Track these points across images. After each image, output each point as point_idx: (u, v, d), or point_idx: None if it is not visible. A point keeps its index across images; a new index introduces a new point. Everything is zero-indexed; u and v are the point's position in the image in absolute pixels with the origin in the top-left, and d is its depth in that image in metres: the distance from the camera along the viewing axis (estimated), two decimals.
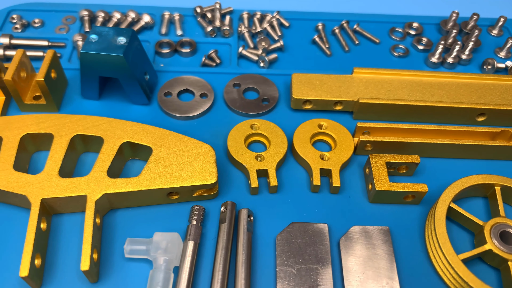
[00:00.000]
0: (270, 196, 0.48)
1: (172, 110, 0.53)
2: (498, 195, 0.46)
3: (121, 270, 0.42)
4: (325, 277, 0.41)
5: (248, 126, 0.51)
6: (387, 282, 0.41)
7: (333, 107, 0.54)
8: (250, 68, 0.59)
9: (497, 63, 0.60)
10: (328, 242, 0.44)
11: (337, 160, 0.49)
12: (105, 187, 0.43)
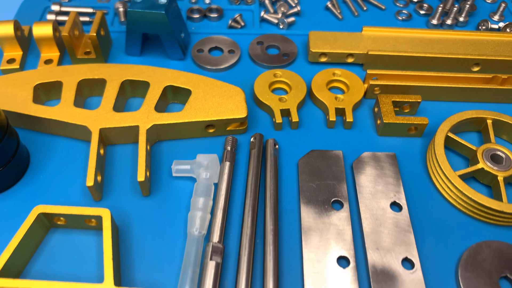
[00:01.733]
0: (292, 131, 0.55)
1: (204, 63, 0.61)
2: (489, 127, 0.53)
3: (169, 187, 0.49)
4: (341, 190, 0.49)
5: (271, 75, 0.59)
6: (394, 194, 0.49)
7: (345, 60, 0.62)
8: (271, 29, 0.67)
9: (491, 24, 0.68)
10: (343, 164, 0.51)
11: (349, 101, 0.56)
12: (154, 119, 0.51)
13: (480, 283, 0.43)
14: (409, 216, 0.47)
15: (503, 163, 0.50)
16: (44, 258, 0.44)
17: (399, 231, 0.46)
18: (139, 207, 0.48)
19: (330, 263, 0.44)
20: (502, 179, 0.49)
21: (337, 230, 0.46)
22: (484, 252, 0.45)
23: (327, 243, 0.45)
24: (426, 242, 0.46)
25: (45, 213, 0.44)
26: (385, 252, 0.44)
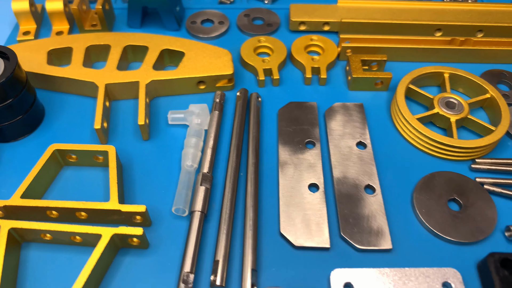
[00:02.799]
0: (274, 88, 0.63)
1: (196, 33, 0.69)
2: (446, 80, 0.61)
3: (166, 133, 0.57)
4: (314, 133, 0.56)
5: (256, 41, 0.66)
6: (360, 135, 0.56)
7: (322, 28, 0.69)
8: (257, 4, 0.75)
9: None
10: (317, 113, 0.59)
11: (324, 61, 0.64)
12: (152, 76, 0.59)
13: (431, 203, 0.50)
14: (372, 152, 0.55)
15: (455, 108, 0.57)
16: (58, 189, 0.52)
17: (363, 164, 0.53)
18: (140, 149, 0.56)
19: (302, 188, 0.51)
20: (454, 121, 0.56)
21: (309, 164, 0.53)
22: (436, 180, 0.52)
23: (300, 173, 0.52)
24: (387, 173, 0.54)
25: (59, 150, 0.52)
26: (350, 180, 0.52)
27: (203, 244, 0.47)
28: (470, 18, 0.68)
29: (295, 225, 0.48)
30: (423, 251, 0.47)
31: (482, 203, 0.50)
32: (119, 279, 0.45)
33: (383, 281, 0.44)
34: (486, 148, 0.54)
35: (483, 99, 0.59)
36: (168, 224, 0.49)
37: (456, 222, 0.49)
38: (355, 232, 0.48)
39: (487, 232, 0.48)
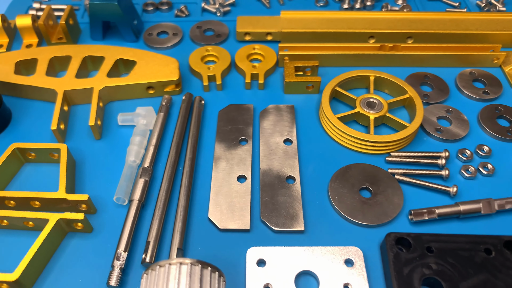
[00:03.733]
0: (217, 92, 0.70)
1: (152, 44, 0.76)
2: (371, 82, 0.67)
3: (116, 133, 0.64)
4: (248, 131, 0.63)
5: (204, 50, 0.74)
6: (288, 133, 0.63)
7: (265, 38, 0.76)
8: (210, 17, 0.82)
9: (391, 6, 0.82)
10: (252, 114, 0.65)
11: (263, 68, 0.71)
12: (105, 82, 0.66)
13: (344, 191, 0.56)
14: (297, 147, 0.61)
15: (375, 107, 0.64)
16: (18, 183, 0.59)
17: (287, 158, 0.60)
18: (92, 147, 0.63)
19: (231, 180, 0.58)
20: (373, 118, 0.62)
21: (240, 158, 0.60)
22: (351, 170, 0.59)
23: (231, 167, 0.59)
24: (309, 165, 0.60)
25: (19, 148, 0.59)
26: (274, 171, 0.58)
27: (139, 229, 0.54)
28: (401, 26, 0.75)
29: (221, 211, 0.55)
30: (333, 233, 0.54)
31: (391, 191, 0.57)
32: (65, 258, 0.52)
33: (292, 258, 0.50)
34: (401, 142, 0.61)
35: (403, 99, 0.66)
36: (110, 212, 0.56)
37: (365, 207, 0.55)
38: (273, 216, 0.54)
39: (391, 216, 0.54)
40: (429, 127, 0.64)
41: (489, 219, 0.55)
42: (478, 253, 0.49)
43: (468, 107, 0.67)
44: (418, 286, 0.47)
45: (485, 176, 0.59)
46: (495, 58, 0.72)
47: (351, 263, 0.50)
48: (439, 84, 0.70)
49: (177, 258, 0.42)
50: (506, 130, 0.63)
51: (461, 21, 0.76)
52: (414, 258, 0.49)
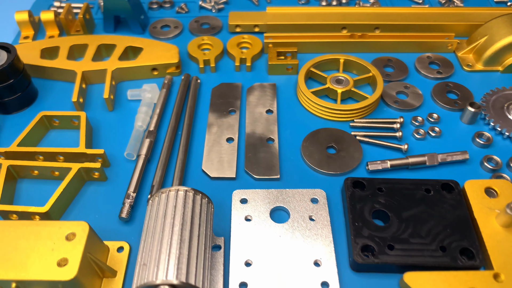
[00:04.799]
0: (212, 74, 0.82)
1: (157, 35, 0.89)
2: (341, 64, 0.80)
3: (126, 106, 0.77)
4: (236, 104, 0.75)
5: (200, 39, 0.86)
6: (269, 104, 0.75)
7: (253, 29, 0.89)
8: (206, 13, 0.95)
9: (362, 3, 0.94)
10: (240, 90, 0.78)
11: (250, 53, 0.83)
12: (117, 64, 0.79)
13: (314, 149, 0.68)
14: (277, 116, 0.73)
15: (342, 83, 0.76)
16: (45, 144, 0.71)
17: (268, 124, 0.72)
18: (106, 117, 0.75)
19: (221, 141, 0.70)
20: (340, 92, 0.74)
21: (229, 124, 0.72)
22: (320, 133, 0.71)
23: (222, 131, 0.71)
24: (286, 130, 0.72)
25: (46, 116, 0.71)
26: (257, 134, 0.70)
27: (145, 178, 0.66)
28: (370, 19, 0.88)
29: (212, 164, 0.67)
30: (304, 180, 0.66)
31: (352, 149, 0.68)
32: (85, 199, 0.64)
33: (269, 197, 0.62)
34: (363, 111, 0.73)
35: (368, 77, 0.78)
36: (122, 165, 0.68)
37: (330, 160, 0.67)
38: (254, 167, 0.66)
39: (352, 167, 0.66)
40: (388, 99, 0.76)
41: (433, 170, 0.67)
42: (420, 192, 0.61)
43: (424, 84, 0.79)
44: (368, 216, 0.58)
45: (433, 137, 0.71)
46: (449, 44, 0.84)
47: (316, 201, 0.62)
48: (400, 66, 0.82)
49: (175, 186, 0.54)
50: (454, 101, 0.75)
51: (422, 14, 0.89)
52: (367, 196, 0.61)
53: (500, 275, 0.53)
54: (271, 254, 0.56)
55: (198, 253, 0.49)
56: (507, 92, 0.75)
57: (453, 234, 0.57)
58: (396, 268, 0.55)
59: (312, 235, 0.58)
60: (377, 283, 0.55)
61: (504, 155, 0.68)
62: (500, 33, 0.79)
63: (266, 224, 0.59)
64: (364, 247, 0.56)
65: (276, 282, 0.54)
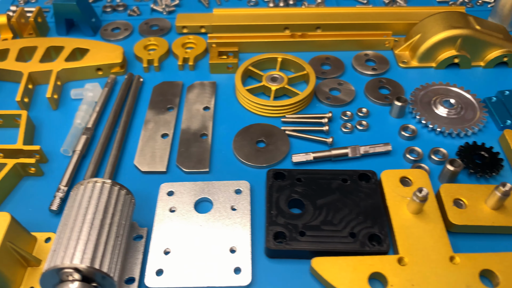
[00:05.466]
0: (156, 73, 0.85)
1: (107, 37, 0.92)
2: (278, 62, 0.83)
3: (69, 105, 0.79)
4: (175, 101, 0.78)
5: (147, 40, 0.89)
6: (207, 102, 0.78)
7: (200, 30, 0.92)
8: (158, 16, 0.98)
9: (308, 4, 0.97)
10: (181, 88, 0.81)
11: (193, 53, 0.86)
12: (63, 65, 0.82)
13: (244, 143, 0.71)
14: (213, 113, 0.76)
15: (277, 81, 0.78)
16: None
17: (204, 120, 0.75)
18: (50, 116, 0.78)
19: (156, 136, 0.73)
20: (274, 89, 0.77)
21: (165, 121, 0.75)
22: (252, 128, 0.73)
23: (158, 127, 0.74)
24: (222, 126, 0.75)
25: None
26: (192, 130, 0.73)
27: (80, 172, 0.69)
28: (311, 19, 0.91)
29: (145, 159, 0.69)
30: (233, 173, 0.68)
31: (280, 142, 0.71)
32: (21, 194, 0.66)
33: (195, 189, 0.65)
34: (294, 107, 0.75)
35: (303, 75, 0.80)
36: (59, 161, 0.71)
37: (258, 154, 0.70)
38: (185, 161, 0.69)
39: (278, 159, 0.69)
40: (321, 95, 0.78)
41: (357, 162, 0.69)
42: (336, 181, 0.64)
43: (359, 81, 0.82)
44: (284, 204, 0.61)
45: (361, 131, 0.74)
46: (386, 42, 0.87)
47: (239, 192, 0.64)
48: (337, 63, 0.85)
49: (93, 178, 0.57)
50: (385, 97, 0.78)
51: (363, 14, 0.92)
52: (286, 186, 0.63)
53: (404, 259, 0.56)
54: (190, 243, 0.59)
55: (108, 240, 0.52)
56: (436, 87, 0.78)
57: (365, 221, 0.59)
58: (309, 254, 0.58)
59: (231, 224, 0.61)
60: (289, 268, 0.58)
61: (428, 146, 0.71)
62: (432, 30, 0.82)
63: (189, 214, 0.62)
64: (277, 234, 0.58)
65: (192, 268, 0.56)
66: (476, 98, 0.76)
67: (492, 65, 0.84)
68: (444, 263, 0.55)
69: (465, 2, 1.00)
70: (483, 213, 0.60)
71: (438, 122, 0.72)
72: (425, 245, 0.57)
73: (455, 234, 0.61)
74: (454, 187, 0.63)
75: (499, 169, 0.66)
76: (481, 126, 0.72)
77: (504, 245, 0.59)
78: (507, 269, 0.55)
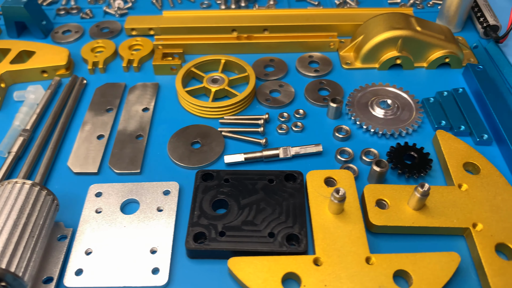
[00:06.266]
0: (101, 75, 0.86)
1: (58, 39, 0.93)
2: (221, 64, 0.83)
3: (13, 107, 0.80)
4: (115, 102, 0.79)
5: (95, 43, 0.90)
6: (147, 103, 0.78)
7: (148, 32, 0.93)
8: (110, 18, 0.99)
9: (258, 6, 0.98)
10: (122, 89, 0.81)
11: (139, 55, 0.87)
12: (7, 67, 0.82)
13: (179, 144, 0.71)
14: (152, 114, 0.77)
15: (217, 82, 0.79)
16: None
17: (141, 122, 0.75)
18: None
19: (92, 138, 0.73)
20: (214, 91, 0.78)
21: (103, 122, 0.76)
22: (189, 129, 0.74)
23: (95, 128, 0.75)
24: (160, 126, 0.75)
25: None
26: (128, 131, 0.74)
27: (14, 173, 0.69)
28: (259, 20, 0.91)
29: (78, 160, 0.70)
30: (165, 174, 0.69)
31: (215, 143, 0.71)
32: None
33: (124, 190, 0.65)
34: (232, 108, 0.76)
35: (244, 76, 0.81)
36: None
37: (192, 155, 0.70)
38: (117, 163, 0.69)
39: (211, 160, 0.69)
40: (261, 97, 0.79)
41: (289, 163, 0.70)
42: (263, 182, 0.64)
43: (301, 82, 0.83)
44: (208, 205, 0.61)
45: (296, 132, 0.74)
46: (331, 44, 0.88)
47: (168, 193, 0.65)
48: (280, 65, 0.85)
49: (14, 179, 0.57)
50: (323, 98, 0.78)
51: (311, 15, 0.92)
52: (213, 187, 0.64)
53: (320, 259, 0.56)
54: (113, 243, 0.59)
55: (20, 241, 0.52)
56: (375, 88, 0.79)
57: (286, 221, 0.60)
58: (231, 254, 0.58)
59: (155, 225, 0.61)
60: (210, 268, 0.58)
61: (362, 147, 0.71)
62: (373, 31, 0.83)
63: (114, 215, 0.62)
64: (198, 235, 0.59)
65: (112, 268, 0.57)
66: (414, 99, 0.76)
67: (435, 66, 0.84)
68: (360, 264, 0.55)
69: (416, 4, 1.01)
70: (404, 213, 0.60)
71: (373, 123, 0.73)
72: (342, 246, 0.57)
73: (378, 235, 0.61)
74: (379, 187, 0.63)
75: (427, 169, 0.66)
76: (416, 126, 0.73)
77: (426, 246, 0.60)
78: (420, 269, 0.55)
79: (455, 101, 0.77)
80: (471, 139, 0.72)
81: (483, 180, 0.64)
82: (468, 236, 0.60)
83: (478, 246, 0.57)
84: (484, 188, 0.63)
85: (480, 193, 0.63)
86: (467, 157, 0.67)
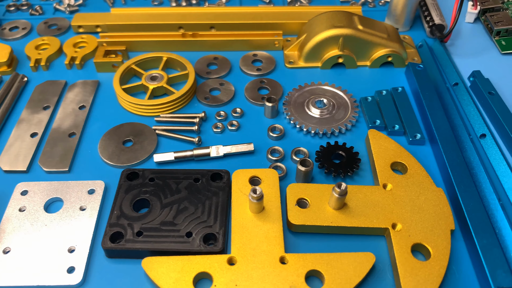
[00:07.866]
0: (44, 72, 0.85)
1: (4, 36, 0.92)
2: (163, 62, 0.83)
3: None
4: (53, 100, 0.78)
5: (40, 40, 0.89)
6: (84, 101, 0.78)
7: (96, 30, 0.92)
8: (60, 15, 0.99)
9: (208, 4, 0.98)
10: (62, 87, 0.81)
11: (82, 52, 0.86)
12: None
13: (111, 142, 0.71)
14: (88, 112, 0.77)
15: (156, 80, 0.79)
16: None
17: (76, 119, 0.75)
18: None
19: (26, 136, 0.73)
20: (152, 88, 0.77)
21: (39, 120, 0.75)
22: (123, 127, 0.73)
23: (29, 126, 0.74)
24: (95, 125, 0.75)
25: None
26: (62, 129, 0.73)
27: None
28: (205, 18, 0.91)
29: (9, 159, 0.70)
30: (95, 172, 0.68)
31: (147, 142, 0.71)
32: None
33: (50, 189, 0.65)
34: (169, 106, 0.75)
35: (184, 74, 0.81)
36: None
37: (122, 153, 0.70)
38: (47, 161, 0.69)
39: (140, 159, 0.69)
40: (200, 95, 0.79)
41: (220, 161, 0.70)
42: (188, 181, 0.64)
43: (242, 81, 0.82)
44: (129, 205, 0.61)
45: (231, 131, 0.74)
46: (276, 42, 0.87)
47: (92, 192, 0.65)
48: (223, 63, 0.85)
49: None
50: (261, 97, 0.78)
51: (258, 13, 0.92)
52: (137, 186, 0.64)
53: (234, 258, 0.56)
54: (32, 242, 0.59)
55: None
56: (313, 87, 0.79)
57: (206, 220, 0.60)
58: (150, 254, 0.58)
59: (76, 224, 0.61)
60: (127, 268, 0.58)
61: (294, 146, 0.71)
62: (315, 30, 0.82)
63: (37, 214, 0.62)
64: (115, 234, 0.59)
65: (28, 267, 0.57)
66: (351, 98, 0.76)
67: (378, 65, 0.84)
68: (273, 263, 0.55)
69: (367, 2, 1.00)
70: (324, 213, 0.60)
71: (306, 122, 0.73)
72: (257, 245, 0.57)
73: (299, 234, 0.61)
74: (302, 186, 0.63)
75: (355, 169, 0.66)
76: (350, 126, 0.73)
77: (346, 246, 0.60)
78: (333, 269, 0.55)
79: (393, 100, 0.77)
80: (405, 138, 0.72)
81: (408, 180, 0.64)
82: (388, 236, 0.60)
83: (394, 247, 0.57)
84: (408, 188, 0.63)
85: (404, 193, 0.63)
86: (396, 156, 0.67)
